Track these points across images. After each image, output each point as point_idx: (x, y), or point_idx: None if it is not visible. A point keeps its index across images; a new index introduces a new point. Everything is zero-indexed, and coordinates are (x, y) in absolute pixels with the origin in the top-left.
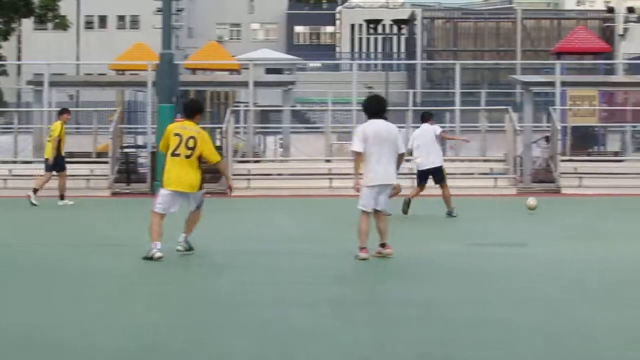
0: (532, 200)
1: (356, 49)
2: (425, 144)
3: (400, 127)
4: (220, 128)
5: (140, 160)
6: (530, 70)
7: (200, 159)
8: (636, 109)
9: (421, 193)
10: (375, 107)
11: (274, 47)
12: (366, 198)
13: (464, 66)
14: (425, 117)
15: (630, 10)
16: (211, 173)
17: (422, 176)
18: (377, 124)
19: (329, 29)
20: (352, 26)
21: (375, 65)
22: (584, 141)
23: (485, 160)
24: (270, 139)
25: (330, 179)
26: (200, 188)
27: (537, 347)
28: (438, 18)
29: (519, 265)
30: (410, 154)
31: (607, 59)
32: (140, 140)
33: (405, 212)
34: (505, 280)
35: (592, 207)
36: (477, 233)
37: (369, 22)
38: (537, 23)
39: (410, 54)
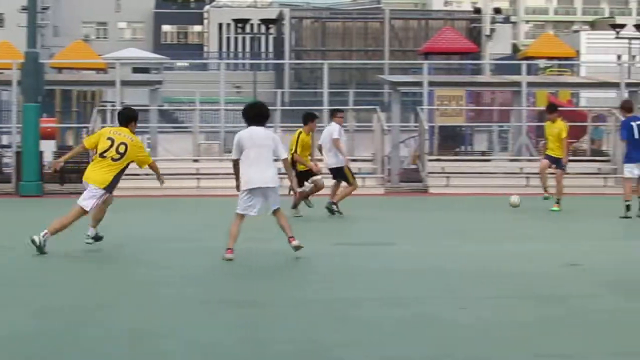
0: (515, 199)
1: (224, 48)
2: (326, 143)
3: (269, 126)
4: (87, 127)
5: (5, 160)
6: (398, 70)
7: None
8: (503, 108)
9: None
10: (253, 114)
11: (141, 46)
12: (242, 201)
13: (332, 66)
14: (331, 113)
15: (497, 11)
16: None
17: (332, 174)
18: (253, 131)
19: (197, 28)
20: (220, 25)
21: (243, 64)
22: (452, 141)
23: (353, 160)
24: None
25: (198, 178)
26: (107, 189)
27: (399, 345)
28: (306, 18)
29: (386, 263)
30: (320, 151)
31: (474, 59)
32: (5, 140)
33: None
34: (373, 278)
35: (459, 206)
36: (345, 232)
37: (236, 21)
38: (405, 23)
39: (279, 53)
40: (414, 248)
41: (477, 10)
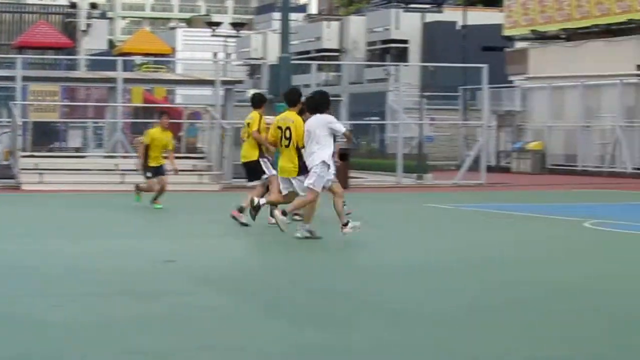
0: None
1: None
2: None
3: None
4: None
5: None
6: None
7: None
8: (98, 105)
9: None
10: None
11: None
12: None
13: None
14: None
15: (93, 6)
16: None
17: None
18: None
19: None
20: None
21: None
22: (46, 137)
23: None
24: None
25: None
26: (300, 173)
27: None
28: None
29: None
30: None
31: (70, 54)
32: None
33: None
34: None
35: (54, 202)
36: None
37: None
38: None
39: None
40: (7, 246)
41: (73, 5)
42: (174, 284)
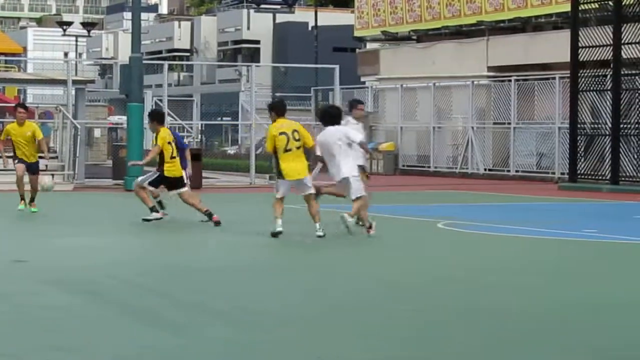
0: (48, 180)
1: None
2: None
3: None
4: None
5: None
6: None
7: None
8: None
9: None
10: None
11: None
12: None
13: None
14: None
15: None
16: None
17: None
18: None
19: None
20: None
21: None
22: None
23: None
24: None
25: None
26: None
27: None
28: None
29: None
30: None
31: None
32: None
33: None
34: None
35: None
36: None
37: None
38: None
39: None
40: None
41: None
42: (23, 284)
